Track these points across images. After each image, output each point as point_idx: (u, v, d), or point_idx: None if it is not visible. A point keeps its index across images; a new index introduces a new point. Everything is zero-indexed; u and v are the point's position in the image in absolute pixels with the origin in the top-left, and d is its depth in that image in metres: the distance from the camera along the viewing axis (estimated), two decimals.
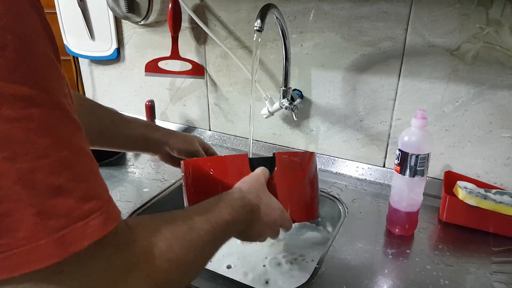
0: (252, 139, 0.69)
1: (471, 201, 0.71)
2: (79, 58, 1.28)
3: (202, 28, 0.99)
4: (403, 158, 0.67)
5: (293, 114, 0.91)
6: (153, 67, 1.08)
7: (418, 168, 0.66)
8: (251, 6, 0.93)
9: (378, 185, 0.91)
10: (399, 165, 0.68)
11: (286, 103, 0.89)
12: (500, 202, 0.70)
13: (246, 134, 1.08)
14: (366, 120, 0.90)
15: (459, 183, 0.75)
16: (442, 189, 0.78)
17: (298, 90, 0.95)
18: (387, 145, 0.90)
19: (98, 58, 1.22)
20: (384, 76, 0.84)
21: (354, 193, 0.87)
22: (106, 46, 1.18)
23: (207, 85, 1.09)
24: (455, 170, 0.83)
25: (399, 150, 0.68)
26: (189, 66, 1.06)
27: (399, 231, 0.72)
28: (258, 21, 0.68)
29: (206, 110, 1.12)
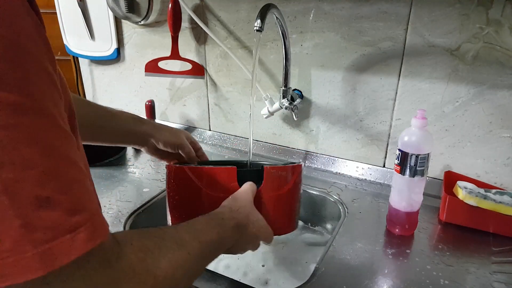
0: (252, 139, 0.69)
1: (471, 201, 0.71)
2: (79, 58, 1.28)
3: (202, 28, 0.99)
4: (403, 158, 0.67)
5: (293, 114, 0.91)
6: (153, 67, 1.09)
7: (418, 168, 0.66)
8: (251, 6, 0.93)
9: (378, 185, 0.91)
10: (399, 165, 0.68)
11: (286, 103, 0.89)
12: (500, 202, 0.70)
13: (246, 134, 1.08)
14: (366, 120, 0.90)
15: (459, 183, 0.75)
16: (442, 189, 0.78)
17: (298, 90, 0.95)
18: (387, 145, 0.90)
19: (98, 58, 1.22)
20: (384, 76, 0.84)
21: (354, 193, 0.87)
22: (106, 46, 1.18)
23: (207, 85, 1.09)
24: (455, 170, 0.83)
25: (399, 150, 0.68)
26: (189, 66, 1.06)
27: (399, 231, 0.72)
28: (258, 21, 0.68)
29: (206, 110, 1.12)
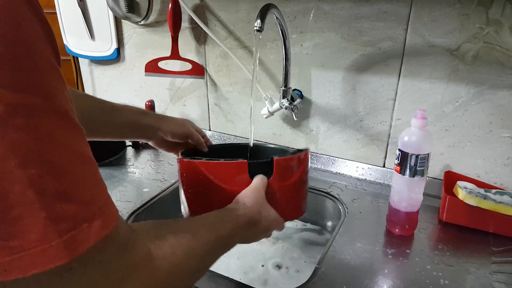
0: (252, 139, 0.69)
1: (471, 201, 0.71)
2: (79, 58, 1.28)
3: (202, 28, 0.99)
4: (403, 158, 0.67)
5: (293, 114, 0.91)
6: (153, 67, 1.08)
7: (418, 168, 0.66)
8: (251, 6, 0.93)
9: (378, 185, 0.91)
10: (399, 165, 0.68)
11: (286, 103, 0.89)
12: (500, 202, 0.70)
13: (246, 134, 1.08)
14: (366, 120, 0.90)
15: (459, 183, 0.75)
16: (442, 189, 0.78)
17: (298, 90, 0.95)
18: (387, 145, 0.90)
19: (98, 58, 1.22)
20: (384, 76, 0.84)
21: (354, 193, 0.87)
22: (106, 46, 1.18)
23: (207, 85, 1.09)
24: (455, 170, 0.83)
25: (399, 150, 0.68)
26: (189, 66, 1.06)
27: (399, 231, 0.72)
28: (258, 21, 0.68)
29: (206, 110, 1.12)
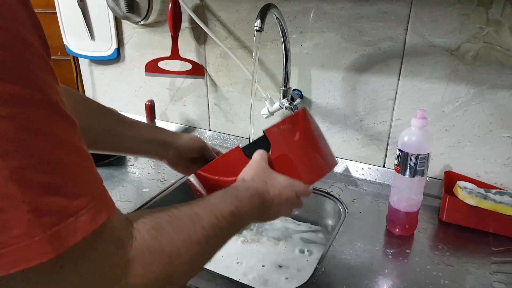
0: (252, 139, 0.69)
1: (471, 201, 0.71)
2: (79, 58, 1.28)
3: (202, 28, 0.99)
4: (403, 158, 0.67)
5: None
6: (153, 67, 1.08)
7: (418, 168, 0.66)
8: (251, 6, 0.93)
9: (378, 185, 0.91)
10: (399, 165, 0.68)
11: (286, 103, 0.89)
12: (500, 202, 0.70)
13: (246, 134, 1.08)
14: (366, 120, 0.90)
15: (459, 183, 0.75)
16: (442, 189, 0.78)
17: (298, 90, 0.95)
18: (387, 145, 0.90)
19: (98, 58, 1.22)
20: (384, 76, 0.84)
21: (354, 193, 0.87)
22: (106, 46, 1.18)
23: (207, 85, 1.09)
24: (455, 170, 0.83)
25: (399, 150, 0.68)
26: (189, 66, 1.06)
27: (399, 231, 0.72)
28: (258, 21, 0.68)
29: (206, 110, 1.12)
